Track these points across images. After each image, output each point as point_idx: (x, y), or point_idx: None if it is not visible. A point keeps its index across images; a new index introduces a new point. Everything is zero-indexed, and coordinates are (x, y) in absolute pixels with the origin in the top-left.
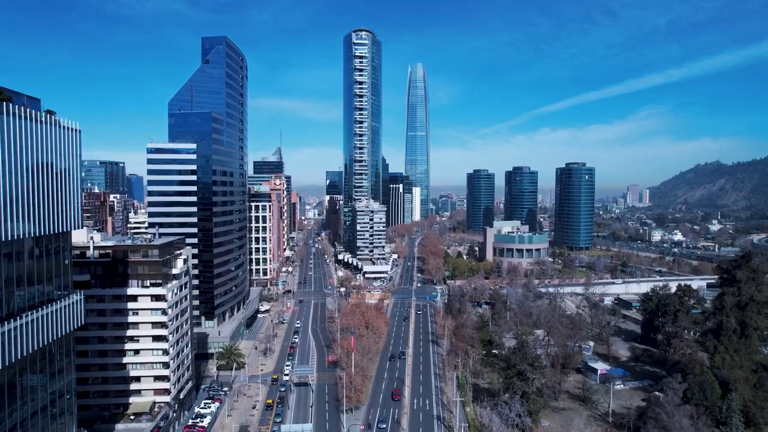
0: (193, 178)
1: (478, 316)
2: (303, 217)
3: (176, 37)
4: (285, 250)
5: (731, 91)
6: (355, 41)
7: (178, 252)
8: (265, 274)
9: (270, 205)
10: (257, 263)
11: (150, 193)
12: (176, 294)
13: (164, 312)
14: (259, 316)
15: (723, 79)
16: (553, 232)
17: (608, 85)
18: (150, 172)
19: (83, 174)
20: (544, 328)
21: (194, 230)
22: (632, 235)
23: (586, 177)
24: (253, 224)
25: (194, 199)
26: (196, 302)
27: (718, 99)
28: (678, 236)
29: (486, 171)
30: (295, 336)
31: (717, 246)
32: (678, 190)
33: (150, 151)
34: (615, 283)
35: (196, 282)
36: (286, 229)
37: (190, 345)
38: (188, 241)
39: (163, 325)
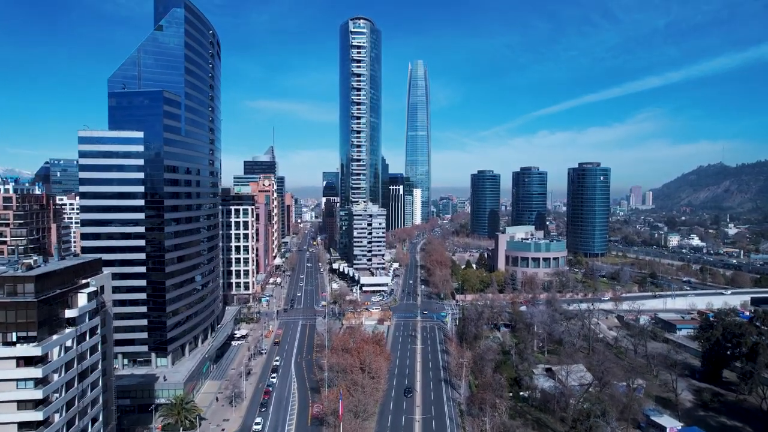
0: (139, 175)
1: (498, 343)
2: (299, 220)
3: None
4: (275, 257)
5: (731, 93)
6: (352, 30)
7: (82, 282)
8: (246, 288)
9: (253, 209)
10: (237, 276)
11: (83, 195)
12: (70, 350)
13: (40, 383)
14: (233, 343)
15: (722, 81)
16: (560, 237)
17: (607, 87)
18: (83, 168)
19: (58, 173)
20: (591, 369)
21: (141, 242)
22: (646, 240)
23: (601, 178)
24: (233, 231)
25: (140, 202)
26: (143, 335)
27: (717, 101)
28: (695, 241)
29: (491, 171)
30: (273, 375)
31: (741, 252)
32: (681, 192)
33: (82, 140)
34: (645, 297)
35: (143, 309)
36: (276, 234)
37: (104, 416)
38: (134, 256)
39: (39, 403)
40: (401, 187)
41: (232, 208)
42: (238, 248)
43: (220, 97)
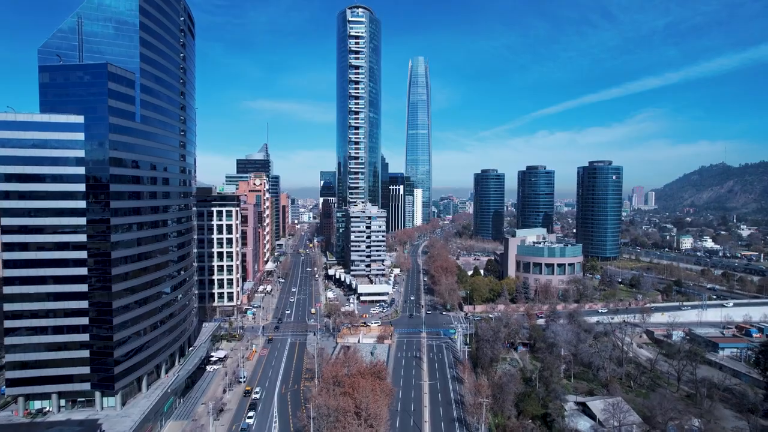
0: (79, 170)
1: (517, 368)
2: (296, 221)
3: None
4: (267, 262)
5: (731, 94)
6: (350, 19)
7: None
8: (230, 299)
9: (238, 210)
10: (220, 285)
11: (5, 196)
12: None
13: None
14: (208, 368)
15: (722, 82)
16: (566, 239)
17: (606, 88)
18: (4, 161)
19: None
20: (649, 419)
21: (82, 254)
22: (657, 242)
23: (614, 177)
24: (215, 235)
25: (81, 204)
26: (85, 370)
27: (717, 102)
28: (709, 243)
29: (495, 171)
30: (251, 413)
31: (762, 255)
32: (684, 192)
33: (3, 126)
34: (673, 308)
35: (85, 337)
36: (269, 237)
37: None
38: (73, 272)
39: None
40: (402, 186)
41: (214, 209)
42: (221, 254)
43: (194, 82)
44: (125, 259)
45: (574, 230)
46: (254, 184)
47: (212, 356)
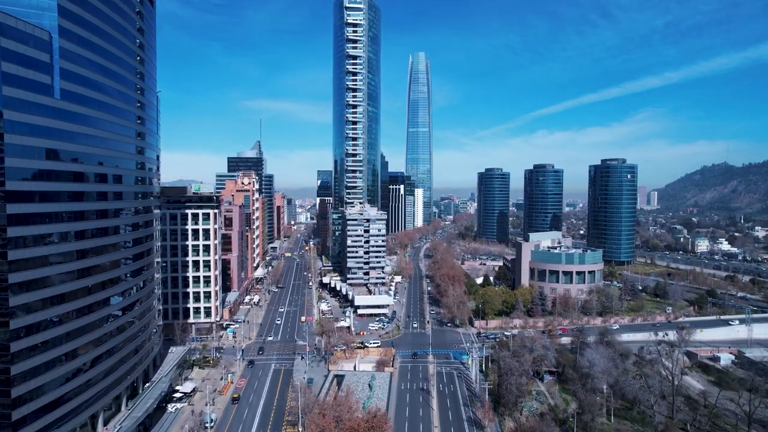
0: None
1: (547, 406)
2: (293, 222)
3: (169, 38)
4: (257, 267)
5: (732, 93)
6: (347, 5)
7: None
8: (207, 315)
9: (216, 213)
10: (196, 299)
11: None
12: None
13: None
14: (170, 408)
15: (722, 81)
16: (574, 242)
17: (605, 87)
18: None
19: None
20: None
21: None
22: (670, 245)
23: (628, 176)
24: (190, 242)
25: None
26: None
27: (718, 101)
28: (725, 245)
29: (500, 170)
30: None
31: None
32: (686, 192)
33: None
34: (711, 323)
35: None
36: (260, 241)
37: None
38: None
39: None
40: (402, 186)
41: (189, 212)
42: (196, 263)
43: (155, 61)
44: (34, 283)
45: (581, 231)
46: (242, 183)
47: (177, 390)
